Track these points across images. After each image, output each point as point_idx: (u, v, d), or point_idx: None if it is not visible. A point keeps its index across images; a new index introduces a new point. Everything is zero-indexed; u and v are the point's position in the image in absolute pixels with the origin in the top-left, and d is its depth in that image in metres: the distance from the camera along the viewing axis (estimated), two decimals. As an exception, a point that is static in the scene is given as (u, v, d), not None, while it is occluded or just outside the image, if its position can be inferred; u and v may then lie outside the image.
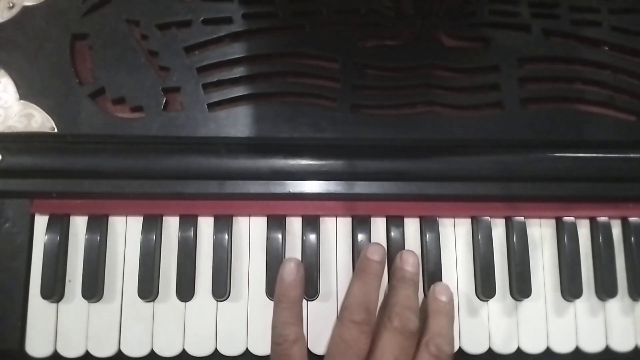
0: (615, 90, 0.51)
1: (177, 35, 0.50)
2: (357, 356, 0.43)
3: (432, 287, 0.48)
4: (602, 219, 0.51)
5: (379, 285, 0.46)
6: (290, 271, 0.45)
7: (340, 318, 0.45)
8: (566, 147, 0.50)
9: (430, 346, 0.43)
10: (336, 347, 0.44)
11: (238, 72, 0.50)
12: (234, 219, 0.50)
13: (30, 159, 0.48)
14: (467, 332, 0.49)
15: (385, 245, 0.49)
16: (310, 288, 0.48)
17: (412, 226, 0.50)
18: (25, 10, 0.51)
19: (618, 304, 0.50)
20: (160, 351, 0.48)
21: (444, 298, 0.46)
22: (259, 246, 0.49)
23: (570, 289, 0.49)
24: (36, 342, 0.48)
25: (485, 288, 0.49)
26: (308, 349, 0.47)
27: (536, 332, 0.49)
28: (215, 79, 0.50)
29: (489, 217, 0.50)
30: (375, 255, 0.46)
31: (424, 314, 0.46)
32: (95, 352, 0.48)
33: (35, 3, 0.51)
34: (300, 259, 0.49)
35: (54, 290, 0.47)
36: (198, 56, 0.50)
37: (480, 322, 0.49)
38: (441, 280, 0.49)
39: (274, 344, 0.44)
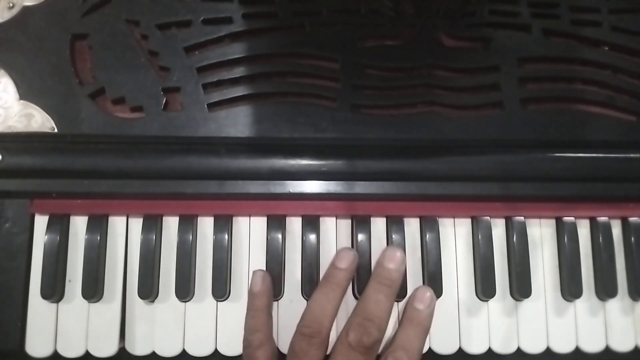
0: (615, 90, 0.51)
1: (177, 35, 0.50)
2: None
3: (414, 291, 0.47)
4: (602, 219, 0.51)
5: (339, 295, 0.45)
6: (256, 282, 0.46)
7: (296, 328, 0.45)
8: (566, 147, 0.50)
9: (390, 358, 0.43)
10: (289, 357, 0.45)
11: (238, 72, 0.50)
12: (234, 219, 0.50)
13: (30, 159, 0.48)
14: (467, 332, 0.49)
15: (385, 245, 0.49)
16: (310, 288, 0.48)
17: (412, 226, 0.50)
18: (25, 10, 0.51)
19: (618, 304, 0.50)
20: (160, 351, 0.48)
21: (420, 306, 0.45)
22: (259, 246, 0.49)
23: (570, 289, 0.49)
24: (36, 342, 0.48)
25: (485, 288, 0.49)
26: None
27: (536, 332, 0.49)
28: (215, 79, 0.50)
29: (489, 217, 0.50)
30: (342, 262, 0.46)
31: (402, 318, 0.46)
32: (95, 352, 0.48)
33: (35, 3, 0.51)
34: (300, 259, 0.49)
35: (54, 290, 0.47)
36: (198, 56, 0.50)
37: (480, 322, 0.49)
38: (441, 280, 0.49)
39: (243, 347, 0.46)
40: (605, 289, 0.49)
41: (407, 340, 0.44)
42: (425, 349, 0.48)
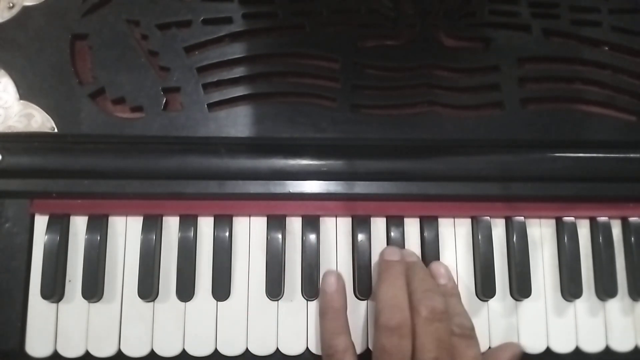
0: (615, 90, 0.51)
1: (177, 35, 0.50)
2: None
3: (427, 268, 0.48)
4: (602, 219, 0.51)
5: (405, 284, 0.45)
6: (331, 282, 0.46)
7: (376, 327, 0.43)
8: (566, 147, 0.50)
9: (453, 327, 0.43)
10: (380, 358, 0.42)
11: (238, 72, 0.50)
12: (234, 219, 0.50)
13: (30, 159, 0.48)
14: (467, 332, 0.49)
15: (385, 245, 0.49)
16: (311, 288, 0.48)
17: (412, 226, 0.50)
18: (25, 10, 0.51)
19: (618, 304, 0.50)
20: (160, 351, 0.48)
21: (443, 281, 0.47)
22: (259, 246, 0.49)
23: (570, 289, 0.49)
24: (36, 342, 0.48)
25: (485, 288, 0.49)
26: (307, 348, 0.48)
27: (536, 332, 0.49)
28: (215, 79, 0.50)
29: (489, 217, 0.50)
30: (394, 255, 0.47)
31: None
32: (95, 352, 0.48)
33: (35, 3, 0.51)
34: (300, 259, 0.49)
35: (54, 290, 0.47)
36: (198, 56, 0.50)
37: (481, 322, 0.49)
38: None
39: (326, 355, 0.44)
40: (605, 289, 0.49)
41: (455, 308, 0.45)
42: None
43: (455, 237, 0.51)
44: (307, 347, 0.48)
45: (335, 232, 0.50)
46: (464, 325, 0.43)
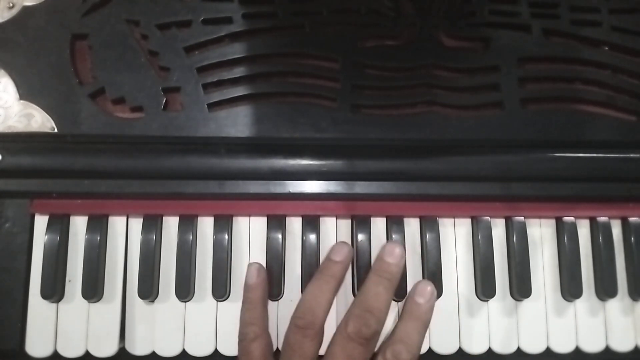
0: (615, 90, 0.51)
1: (177, 35, 0.50)
2: (302, 359, 0.43)
3: (414, 284, 0.47)
4: (602, 219, 0.51)
5: (334, 288, 0.45)
6: (251, 275, 0.47)
7: (290, 321, 0.45)
8: (566, 147, 0.50)
9: (387, 353, 0.43)
10: (284, 350, 0.45)
11: (238, 72, 0.50)
12: (234, 219, 0.50)
13: (30, 159, 0.48)
14: (467, 332, 0.49)
15: (385, 245, 0.49)
16: (310, 288, 0.48)
17: (412, 226, 0.50)
18: (25, 10, 0.51)
19: (618, 304, 0.50)
20: (160, 351, 0.48)
21: (420, 300, 0.45)
22: (259, 246, 0.49)
23: (570, 289, 0.49)
24: (36, 342, 0.48)
25: (485, 288, 0.49)
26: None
27: (536, 332, 0.49)
28: (215, 79, 0.50)
29: (489, 217, 0.50)
30: (338, 255, 0.46)
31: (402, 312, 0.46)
32: (95, 352, 0.48)
33: (35, 3, 0.51)
34: (300, 259, 0.49)
35: (54, 290, 0.47)
36: (198, 56, 0.50)
37: (480, 322, 0.49)
38: (441, 280, 0.49)
39: (238, 341, 0.46)
40: (605, 289, 0.49)
41: (406, 334, 0.44)
42: (425, 349, 0.48)
43: (455, 237, 0.51)
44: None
45: (335, 232, 0.50)
46: (399, 355, 0.42)
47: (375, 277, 0.46)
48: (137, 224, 0.49)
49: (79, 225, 0.49)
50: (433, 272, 0.49)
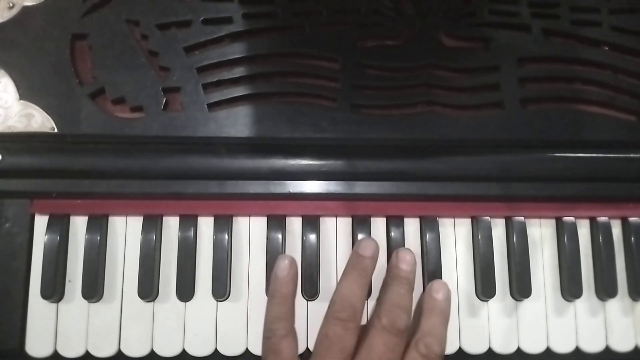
0: (615, 90, 0.51)
1: (177, 35, 0.50)
2: (341, 352, 0.42)
3: (429, 284, 0.47)
4: (602, 219, 0.51)
5: (367, 282, 0.46)
6: (283, 267, 0.46)
7: (326, 315, 0.44)
8: (566, 147, 0.50)
9: (420, 345, 0.43)
10: (321, 344, 0.44)
11: (238, 72, 0.50)
12: (234, 219, 0.50)
13: (30, 159, 0.48)
14: (467, 332, 0.49)
15: (385, 245, 0.49)
16: (311, 288, 0.48)
17: (412, 226, 0.50)
18: (25, 10, 0.51)
19: (618, 304, 0.50)
20: (160, 351, 0.48)
21: (439, 296, 0.46)
22: (259, 246, 0.49)
23: (570, 289, 0.49)
24: (36, 342, 0.48)
25: (485, 288, 0.49)
26: (307, 348, 0.47)
27: (536, 332, 0.49)
28: (215, 79, 0.50)
29: (489, 217, 0.50)
30: (367, 251, 0.46)
31: (419, 311, 0.46)
32: (95, 352, 0.48)
33: (35, 3, 0.51)
34: (300, 259, 0.49)
35: (54, 290, 0.47)
36: (198, 56, 0.50)
37: (480, 322, 0.49)
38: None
39: (265, 337, 0.45)
40: (605, 289, 0.49)
41: (434, 327, 0.44)
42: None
43: (455, 237, 0.51)
44: (307, 347, 0.48)
45: (335, 232, 0.50)
46: (431, 348, 0.43)
47: (394, 281, 0.46)
48: (137, 224, 0.49)
49: (79, 225, 0.49)
50: (433, 272, 0.49)
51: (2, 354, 0.47)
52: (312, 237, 0.49)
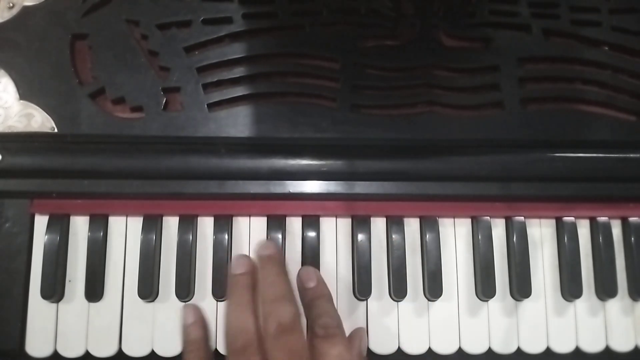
0: (615, 90, 0.51)
1: (177, 35, 0.50)
2: None
3: (297, 276, 0.46)
4: (602, 219, 0.51)
5: (251, 297, 0.43)
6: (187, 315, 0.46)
7: (225, 351, 0.42)
8: (566, 147, 0.50)
9: (316, 329, 0.41)
10: None
11: (238, 72, 0.50)
12: (234, 219, 0.50)
13: (30, 159, 0.48)
14: (467, 332, 0.49)
15: (385, 245, 0.49)
16: (310, 288, 0.48)
17: (412, 226, 0.50)
18: (25, 10, 0.51)
19: (618, 304, 0.50)
20: (160, 351, 0.48)
21: (312, 284, 0.45)
22: (259, 246, 0.49)
23: (570, 289, 0.49)
24: (36, 342, 0.48)
25: (485, 288, 0.49)
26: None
27: (536, 332, 0.49)
28: (215, 79, 0.50)
29: (489, 217, 0.50)
30: (238, 268, 0.45)
31: (303, 306, 0.45)
32: (95, 352, 0.48)
33: (35, 3, 0.51)
34: (300, 259, 0.49)
35: (54, 290, 0.47)
36: (198, 56, 0.50)
37: (480, 322, 0.49)
38: (441, 280, 0.49)
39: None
40: (605, 289, 0.49)
41: (320, 308, 0.43)
42: (425, 349, 0.48)
43: (455, 237, 0.51)
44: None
45: (335, 232, 0.50)
46: (327, 324, 0.42)
47: (262, 269, 0.45)
48: (137, 224, 0.49)
49: (78, 225, 0.49)
50: (433, 272, 0.49)
51: (2, 354, 0.47)
52: (312, 237, 0.49)
